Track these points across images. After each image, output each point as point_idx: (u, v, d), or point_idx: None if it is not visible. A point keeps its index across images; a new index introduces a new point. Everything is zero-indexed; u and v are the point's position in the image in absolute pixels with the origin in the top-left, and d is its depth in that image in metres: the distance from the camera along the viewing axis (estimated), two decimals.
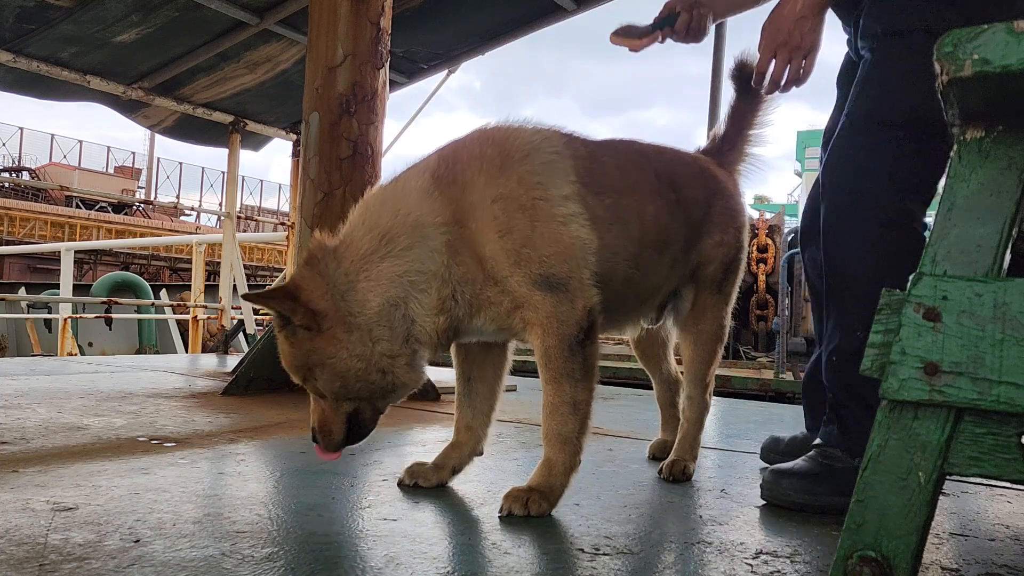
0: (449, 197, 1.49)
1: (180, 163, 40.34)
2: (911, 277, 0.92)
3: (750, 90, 1.95)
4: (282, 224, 12.08)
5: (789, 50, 1.68)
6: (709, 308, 1.85)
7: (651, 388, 2.17)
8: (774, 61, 1.69)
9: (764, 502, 1.66)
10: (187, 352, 8.04)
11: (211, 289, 8.53)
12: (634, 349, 2.15)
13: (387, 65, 3.46)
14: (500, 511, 1.46)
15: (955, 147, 0.95)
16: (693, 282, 1.84)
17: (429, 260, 1.47)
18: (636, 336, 2.07)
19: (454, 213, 1.49)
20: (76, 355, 7.25)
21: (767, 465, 1.95)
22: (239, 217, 6.28)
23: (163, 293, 13.77)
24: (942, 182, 1.04)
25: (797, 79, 1.71)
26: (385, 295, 1.46)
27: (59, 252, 8.00)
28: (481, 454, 1.75)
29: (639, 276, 1.67)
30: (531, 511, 1.45)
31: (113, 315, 6.72)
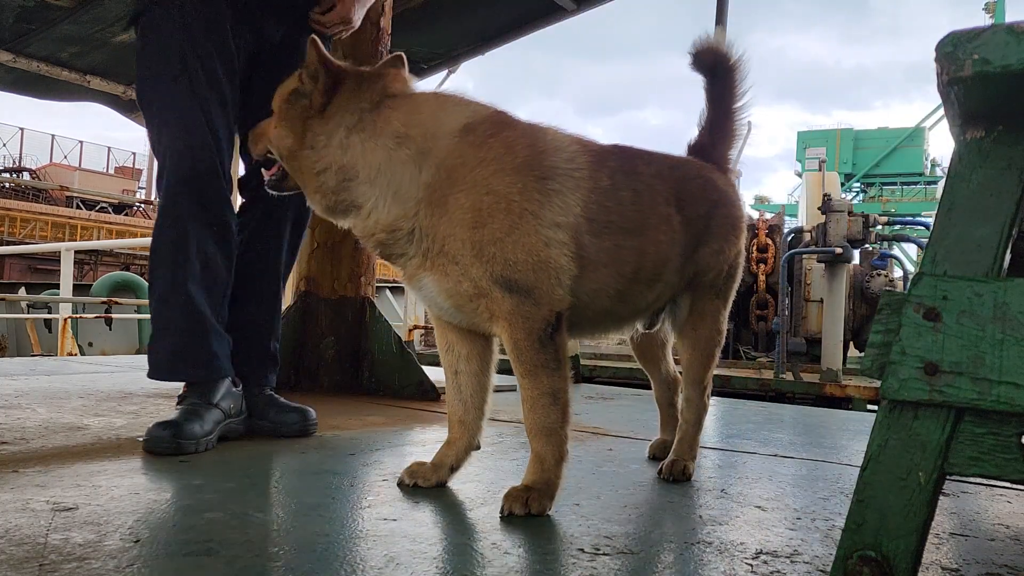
0: (461, 156, 1.50)
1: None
2: (912, 277, 0.93)
3: (721, 72, 1.93)
4: None
5: (349, 28, 2.27)
6: (708, 313, 1.85)
7: (651, 388, 2.17)
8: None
9: (764, 502, 1.66)
10: None
11: None
12: (633, 350, 2.15)
13: None
14: (501, 511, 1.47)
15: (955, 147, 0.95)
16: (690, 290, 1.83)
17: (409, 184, 1.51)
18: (634, 337, 2.07)
19: (452, 172, 1.50)
20: (76, 355, 7.25)
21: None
22: None
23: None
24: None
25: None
26: (364, 168, 1.52)
27: (59, 252, 7.99)
28: (478, 448, 1.75)
29: (622, 307, 1.68)
30: (532, 510, 1.45)
31: (113, 315, 6.72)
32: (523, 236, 1.46)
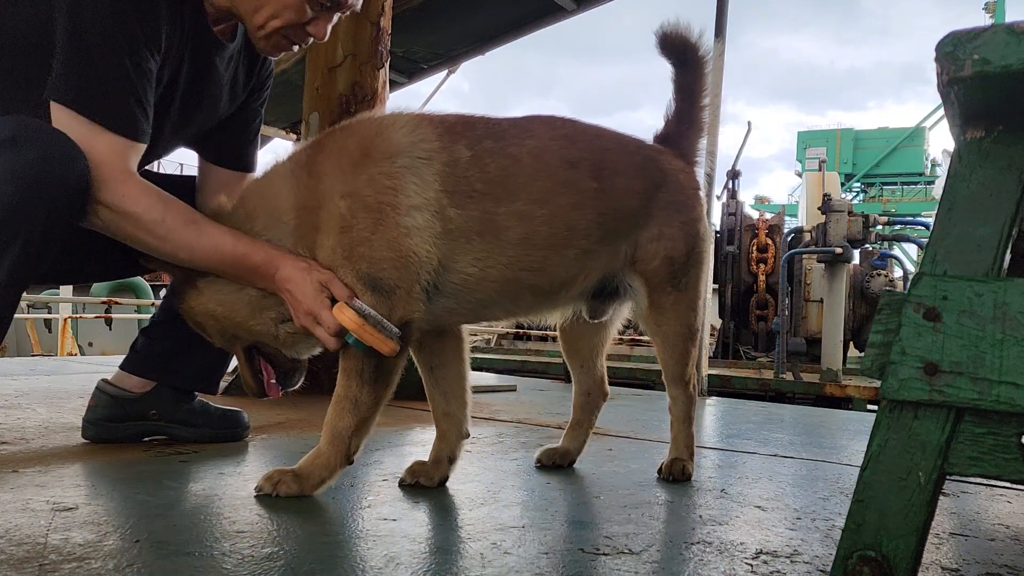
0: (304, 184, 1.56)
1: (181, 164, 40.04)
2: (912, 277, 0.93)
3: (688, 60, 1.87)
4: None
5: None
6: (668, 307, 1.78)
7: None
8: None
9: (764, 502, 1.66)
10: None
11: None
12: (561, 343, 2.06)
13: (387, 65, 3.47)
14: (255, 489, 1.53)
15: (955, 147, 0.95)
16: (639, 276, 1.76)
17: (281, 242, 1.56)
18: (564, 329, 1.98)
19: (304, 199, 1.55)
20: (76, 355, 7.25)
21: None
22: None
23: (163, 293, 13.74)
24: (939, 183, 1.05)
25: None
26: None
27: None
28: (468, 436, 1.76)
29: (529, 275, 1.62)
30: (279, 492, 1.51)
31: (113, 315, 6.73)
32: (386, 231, 1.49)
